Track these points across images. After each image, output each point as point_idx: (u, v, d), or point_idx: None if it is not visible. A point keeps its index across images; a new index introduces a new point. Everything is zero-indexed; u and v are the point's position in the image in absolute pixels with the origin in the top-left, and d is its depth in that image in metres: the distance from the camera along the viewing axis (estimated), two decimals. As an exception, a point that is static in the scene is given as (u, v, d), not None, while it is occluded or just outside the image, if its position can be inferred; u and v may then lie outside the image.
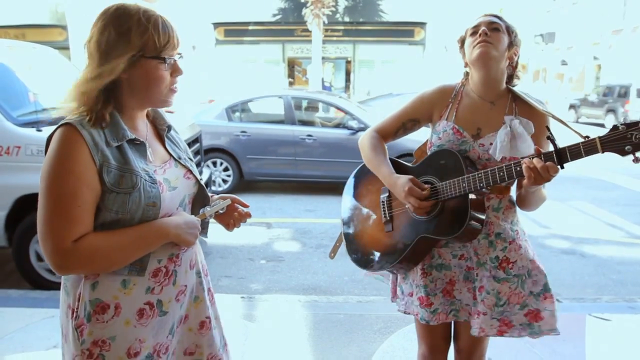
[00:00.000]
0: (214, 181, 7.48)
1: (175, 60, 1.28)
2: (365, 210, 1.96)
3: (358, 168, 2.04)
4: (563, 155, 1.43)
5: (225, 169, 7.50)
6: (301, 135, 7.30)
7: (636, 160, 1.34)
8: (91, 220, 1.20)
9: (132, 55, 1.20)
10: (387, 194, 1.85)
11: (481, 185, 1.58)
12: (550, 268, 1.77)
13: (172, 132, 1.45)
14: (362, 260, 1.91)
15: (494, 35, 1.66)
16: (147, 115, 1.41)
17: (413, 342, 2.06)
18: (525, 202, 1.72)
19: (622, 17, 26.45)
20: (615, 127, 1.37)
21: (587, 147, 1.39)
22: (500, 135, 1.67)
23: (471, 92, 1.78)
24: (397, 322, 3.20)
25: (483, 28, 1.67)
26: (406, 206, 1.72)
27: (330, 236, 5.27)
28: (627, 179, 8.86)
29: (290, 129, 7.40)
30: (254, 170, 7.47)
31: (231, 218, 1.52)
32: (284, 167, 7.45)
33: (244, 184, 7.78)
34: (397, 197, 1.75)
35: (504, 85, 1.77)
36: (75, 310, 1.26)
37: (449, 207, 1.66)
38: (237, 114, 7.70)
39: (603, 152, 1.38)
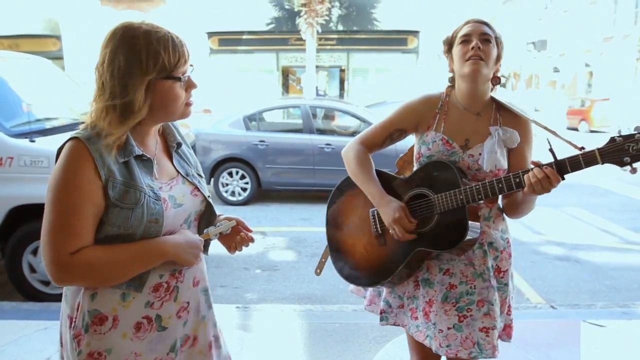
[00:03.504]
0: (233, 191, 7.47)
1: (189, 76, 1.28)
2: (353, 225, 1.88)
3: (341, 181, 1.96)
4: (563, 167, 1.45)
5: (242, 177, 7.45)
6: (320, 144, 7.29)
7: (634, 170, 1.38)
8: (91, 234, 1.20)
9: (149, 81, 1.20)
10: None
11: (479, 197, 1.58)
12: (544, 274, 1.79)
13: (182, 147, 1.44)
14: (354, 276, 1.85)
15: (485, 49, 1.65)
16: (158, 130, 1.39)
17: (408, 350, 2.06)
18: (515, 209, 1.72)
19: (613, 25, 26.75)
20: (612, 139, 1.40)
21: (587, 159, 1.42)
22: (487, 146, 1.67)
23: (457, 104, 1.77)
24: (393, 331, 3.18)
25: (476, 41, 1.65)
26: (390, 231, 1.68)
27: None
28: (620, 185, 8.92)
29: (309, 138, 7.39)
30: (272, 179, 7.44)
31: (234, 240, 1.50)
32: (303, 176, 7.42)
33: (262, 193, 7.73)
34: (383, 220, 1.70)
35: (489, 95, 1.76)
36: (74, 319, 1.25)
37: (445, 220, 1.64)
38: (255, 123, 7.66)
39: (603, 164, 1.41)
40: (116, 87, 1.20)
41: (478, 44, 1.64)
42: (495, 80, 1.75)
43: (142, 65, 1.19)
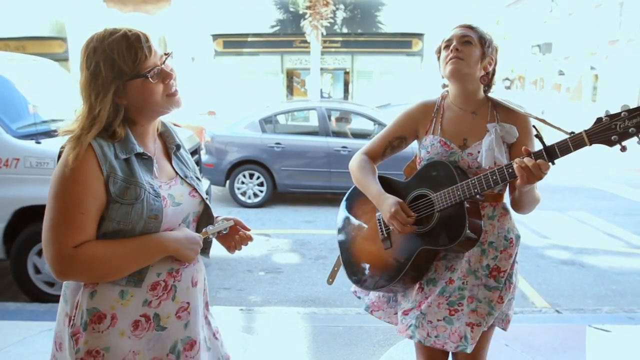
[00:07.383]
0: (245, 192, 7.44)
1: (161, 68, 1.29)
2: (362, 231, 1.95)
3: (350, 190, 2.04)
4: (552, 152, 1.46)
5: (260, 184, 7.44)
6: (336, 147, 7.27)
7: (623, 149, 1.37)
8: (94, 228, 1.23)
9: (116, 88, 1.23)
10: None
11: (475, 190, 1.59)
12: (549, 279, 1.79)
13: (181, 151, 1.47)
14: (363, 280, 1.89)
15: (465, 50, 1.70)
16: (158, 133, 1.43)
17: (412, 354, 2.05)
18: (520, 204, 1.73)
19: (618, 28, 26.66)
20: (599, 119, 1.39)
21: (575, 141, 1.42)
22: (485, 143, 1.70)
23: (452, 105, 1.82)
24: (397, 334, 3.18)
25: (454, 43, 1.71)
26: (391, 228, 1.73)
27: (330, 247, 5.26)
28: (626, 188, 8.87)
29: (325, 141, 7.37)
30: (287, 181, 7.41)
31: (233, 240, 1.53)
32: (318, 179, 7.39)
33: (277, 195, 7.69)
34: (383, 217, 1.75)
35: (482, 94, 1.80)
36: (73, 318, 1.27)
37: (446, 217, 1.67)
38: (271, 125, 7.64)
39: (591, 144, 1.41)
40: (89, 98, 1.25)
41: (456, 45, 1.71)
42: (484, 79, 1.77)
43: (103, 78, 1.23)
